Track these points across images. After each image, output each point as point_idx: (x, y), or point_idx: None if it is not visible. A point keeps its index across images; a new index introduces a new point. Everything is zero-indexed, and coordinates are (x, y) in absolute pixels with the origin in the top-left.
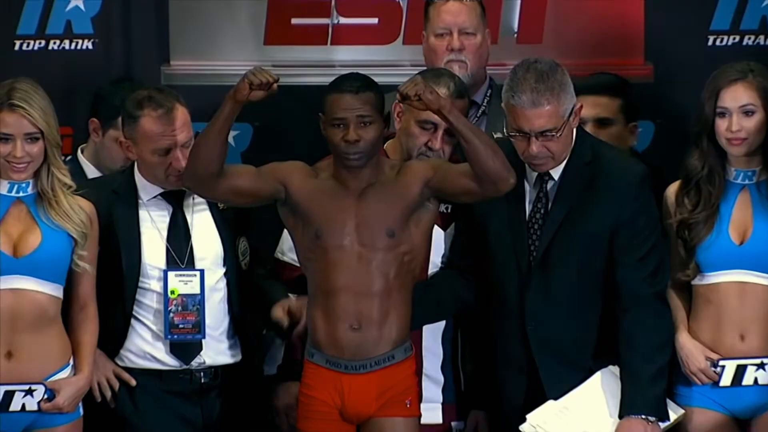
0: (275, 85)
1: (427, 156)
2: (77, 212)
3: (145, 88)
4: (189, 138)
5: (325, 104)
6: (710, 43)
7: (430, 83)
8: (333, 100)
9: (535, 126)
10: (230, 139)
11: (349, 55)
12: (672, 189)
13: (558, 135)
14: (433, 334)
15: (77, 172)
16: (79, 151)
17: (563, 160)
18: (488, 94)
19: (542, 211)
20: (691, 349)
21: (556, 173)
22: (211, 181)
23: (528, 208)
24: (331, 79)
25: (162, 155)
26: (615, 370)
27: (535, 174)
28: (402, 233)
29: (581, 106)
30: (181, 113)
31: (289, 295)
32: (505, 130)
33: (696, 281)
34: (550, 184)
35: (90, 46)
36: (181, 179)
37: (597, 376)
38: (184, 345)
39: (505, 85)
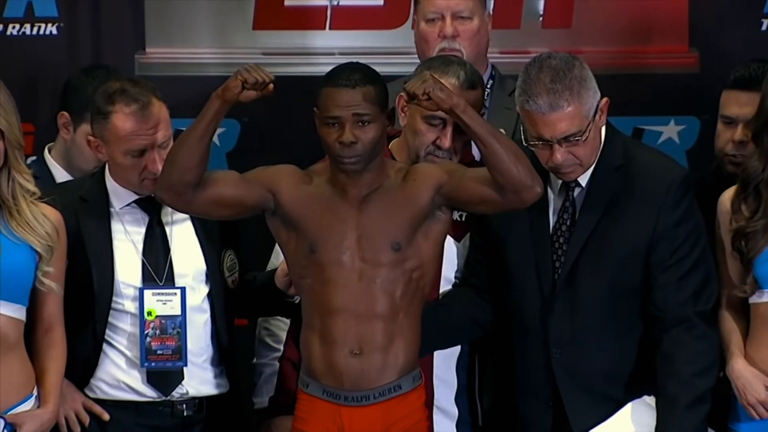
0: (271, 86)
1: (435, 156)
2: (42, 222)
3: (118, 79)
4: (167, 137)
5: (319, 99)
6: (764, 27)
7: (438, 73)
8: (327, 94)
9: (556, 132)
10: (215, 138)
11: (350, 42)
12: (727, 195)
13: (584, 138)
14: (445, 361)
15: (44, 175)
16: (46, 151)
17: (592, 165)
18: (489, 86)
19: (568, 222)
20: (748, 378)
21: (583, 179)
22: (188, 193)
23: (552, 219)
24: (329, 69)
25: (136, 157)
26: (650, 400)
27: (560, 180)
28: (409, 246)
29: (607, 101)
30: (158, 109)
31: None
32: (522, 139)
33: (754, 299)
34: (576, 192)
35: (54, 32)
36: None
37: (627, 408)
38: (163, 374)
39: (518, 88)
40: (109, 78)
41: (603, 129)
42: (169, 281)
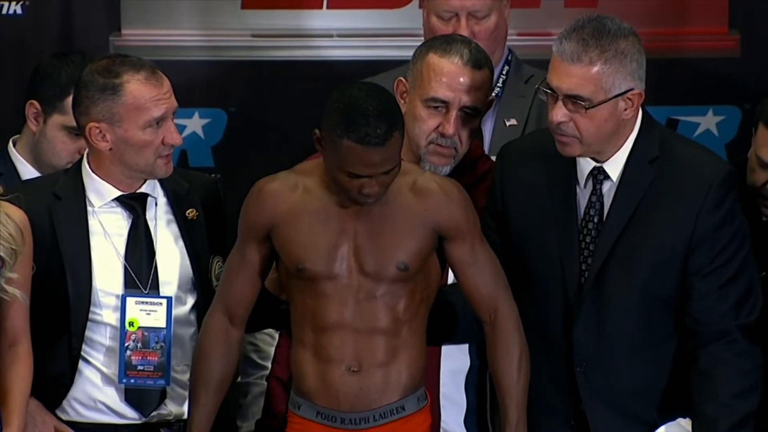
0: None
1: (439, 144)
2: (4, 223)
3: (100, 58)
4: (176, 106)
5: (333, 141)
6: None
7: (439, 52)
8: (351, 151)
9: (562, 83)
10: (199, 130)
11: (349, 22)
12: None
13: (588, 107)
14: (452, 379)
15: (9, 171)
16: (10, 144)
17: (612, 155)
18: (505, 72)
19: (595, 219)
20: None
21: (614, 172)
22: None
23: (580, 214)
24: (327, 53)
25: (155, 128)
26: (686, 423)
27: (587, 170)
28: (417, 264)
29: (640, 95)
30: (161, 72)
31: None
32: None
33: None
34: (606, 186)
35: (19, 11)
36: (169, 163)
37: None
38: (142, 392)
39: (563, 30)
40: (86, 64)
41: (638, 123)
42: (153, 289)
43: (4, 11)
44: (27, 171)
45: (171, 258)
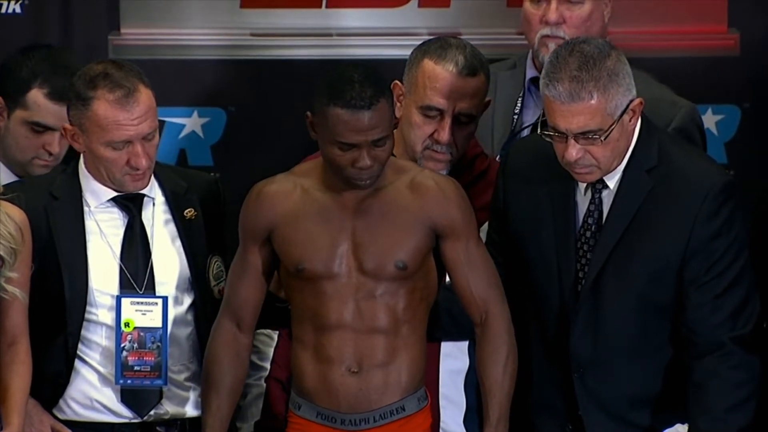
0: None
1: (434, 150)
2: (5, 223)
3: (101, 61)
4: (153, 128)
5: (322, 114)
6: None
7: (434, 58)
8: (337, 117)
9: (572, 125)
10: (198, 129)
11: (348, 22)
12: None
13: (603, 138)
14: (452, 379)
15: None
16: None
17: (617, 168)
18: None
19: (593, 227)
20: None
21: (611, 181)
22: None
23: (578, 222)
24: (326, 52)
25: (117, 149)
26: (683, 429)
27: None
28: (415, 263)
29: (641, 102)
30: (145, 97)
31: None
32: (538, 128)
33: None
34: (604, 193)
35: (18, 10)
36: (140, 180)
37: None
38: (138, 392)
39: (543, 70)
40: (50, 58)
41: (636, 130)
42: (149, 289)
43: (3, 10)
44: None
45: (168, 258)
